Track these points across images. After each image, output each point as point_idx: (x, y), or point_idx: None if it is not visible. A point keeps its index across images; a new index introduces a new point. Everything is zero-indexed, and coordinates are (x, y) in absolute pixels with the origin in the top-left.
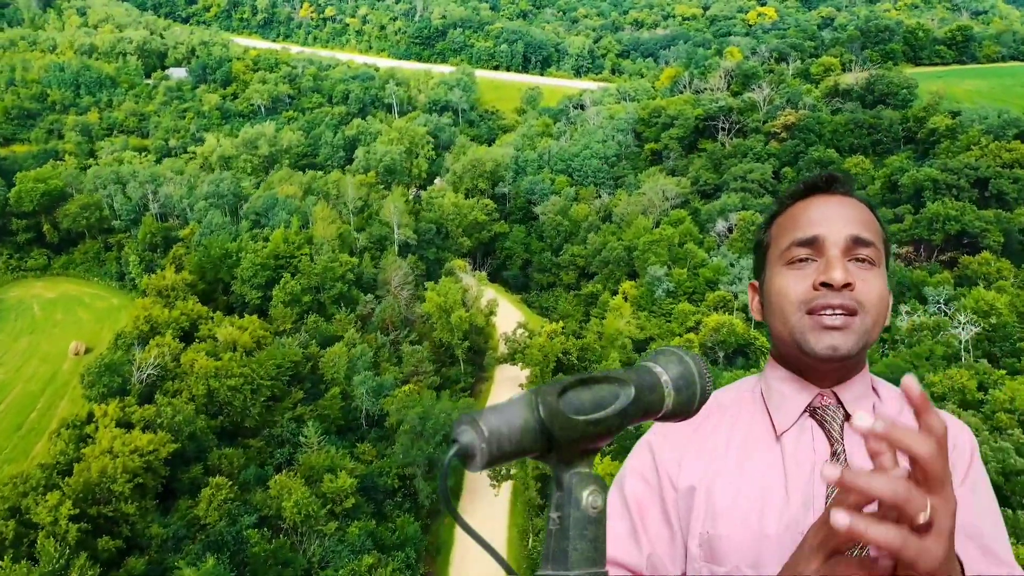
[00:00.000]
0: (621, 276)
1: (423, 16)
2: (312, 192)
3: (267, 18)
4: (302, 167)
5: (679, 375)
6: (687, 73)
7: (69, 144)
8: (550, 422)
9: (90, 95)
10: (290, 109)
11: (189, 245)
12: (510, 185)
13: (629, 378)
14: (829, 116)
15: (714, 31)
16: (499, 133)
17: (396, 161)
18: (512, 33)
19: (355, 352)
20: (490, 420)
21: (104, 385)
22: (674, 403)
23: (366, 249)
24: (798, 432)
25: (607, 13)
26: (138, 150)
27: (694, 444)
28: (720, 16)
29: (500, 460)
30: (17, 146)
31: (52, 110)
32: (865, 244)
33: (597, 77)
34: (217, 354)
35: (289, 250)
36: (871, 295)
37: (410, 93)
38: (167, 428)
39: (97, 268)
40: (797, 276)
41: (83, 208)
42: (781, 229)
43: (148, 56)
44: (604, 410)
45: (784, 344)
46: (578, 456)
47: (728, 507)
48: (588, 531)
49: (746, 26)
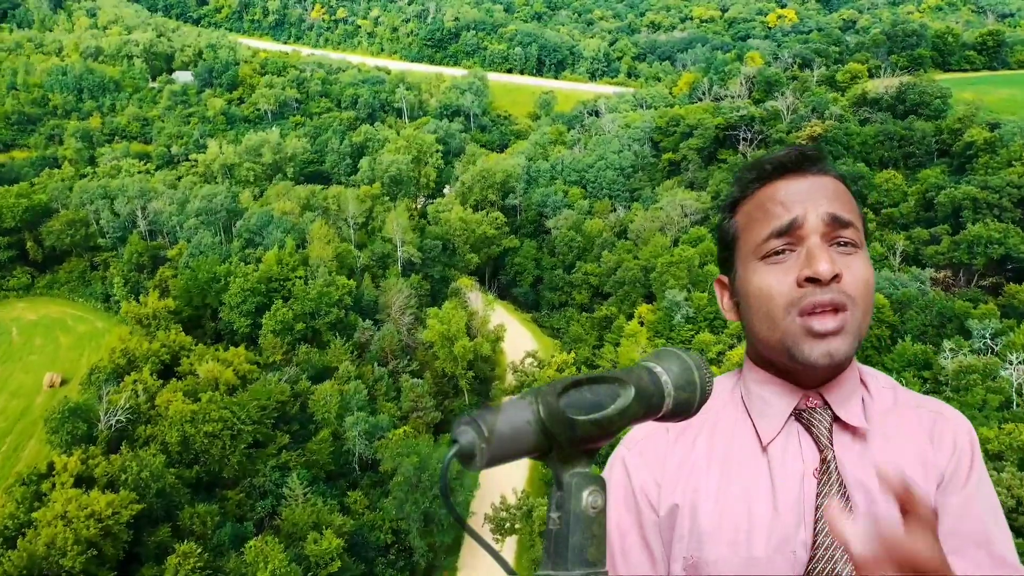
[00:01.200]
0: (637, 298)
1: (435, 18)
2: (311, 207)
3: (278, 20)
4: (307, 175)
5: (679, 375)
6: (706, 79)
7: (68, 150)
8: (550, 422)
9: (93, 99)
10: (297, 114)
11: (177, 266)
12: (521, 197)
13: (629, 378)
14: (857, 127)
15: (733, 34)
16: (511, 138)
17: (403, 171)
18: (526, 35)
19: (348, 389)
20: (490, 420)
21: (68, 432)
22: (674, 403)
23: (367, 268)
24: (784, 440)
25: (623, 15)
26: (139, 156)
27: (673, 459)
28: (739, 18)
29: (500, 460)
30: (17, 152)
31: (54, 115)
32: (845, 225)
33: (613, 81)
34: (196, 394)
35: (283, 273)
36: (859, 284)
37: (421, 97)
38: (132, 486)
39: (82, 288)
40: (777, 272)
41: (68, 225)
42: (750, 218)
43: (155, 59)
44: (604, 410)
45: (770, 350)
46: (578, 456)
47: (713, 528)
48: (588, 531)
49: (765, 29)
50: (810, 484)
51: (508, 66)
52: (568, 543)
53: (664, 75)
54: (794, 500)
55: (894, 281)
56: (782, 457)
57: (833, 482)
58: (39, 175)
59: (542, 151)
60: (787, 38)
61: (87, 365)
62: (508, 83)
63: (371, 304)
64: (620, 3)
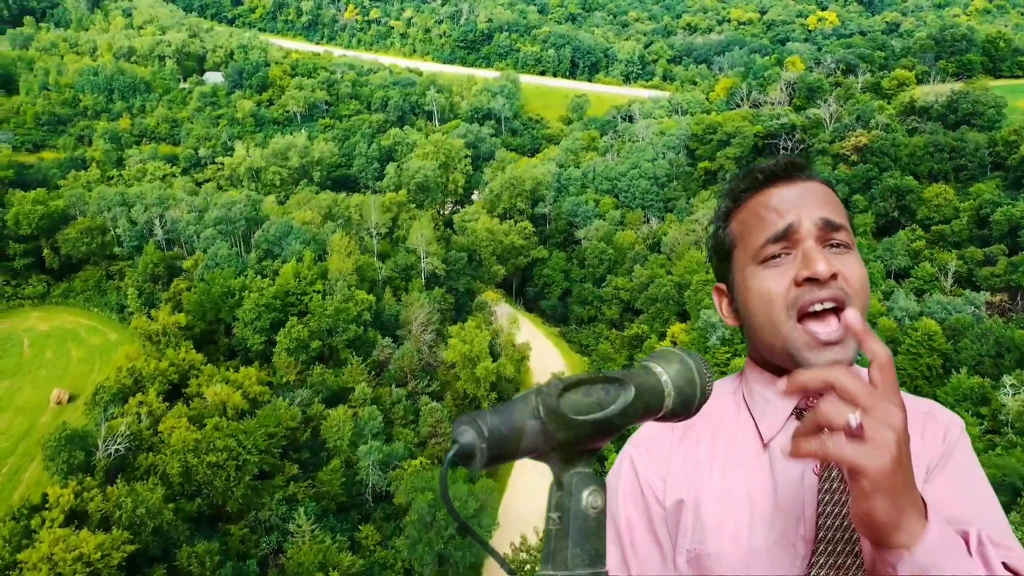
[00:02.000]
0: (670, 317)
1: (468, 19)
2: (332, 217)
3: (311, 20)
4: (334, 180)
5: (679, 375)
6: (745, 85)
7: (97, 152)
8: (550, 422)
9: (123, 100)
10: (326, 116)
11: (192, 278)
12: (551, 205)
13: (629, 378)
14: (906, 137)
15: (771, 36)
16: (542, 143)
17: (429, 178)
18: (560, 37)
19: (363, 415)
20: (490, 420)
21: (64, 461)
22: (674, 403)
23: (389, 281)
24: (785, 438)
25: (659, 17)
26: (167, 159)
27: (678, 457)
28: (778, 21)
29: (500, 460)
30: (47, 152)
31: (84, 115)
32: (837, 228)
33: (647, 84)
34: (203, 419)
35: (300, 287)
36: (855, 281)
37: (451, 100)
38: (126, 524)
39: (98, 298)
40: (775, 275)
41: (84, 233)
42: (745, 226)
43: (188, 59)
44: (604, 410)
45: (774, 355)
46: (578, 456)
47: (716, 523)
48: (588, 531)
49: (805, 31)
50: (810, 480)
51: (541, 68)
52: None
53: (700, 79)
54: (795, 496)
55: (946, 305)
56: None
57: (834, 478)
58: (65, 177)
59: (573, 157)
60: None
61: (96, 381)
62: (540, 86)
63: (392, 319)
64: (656, 5)
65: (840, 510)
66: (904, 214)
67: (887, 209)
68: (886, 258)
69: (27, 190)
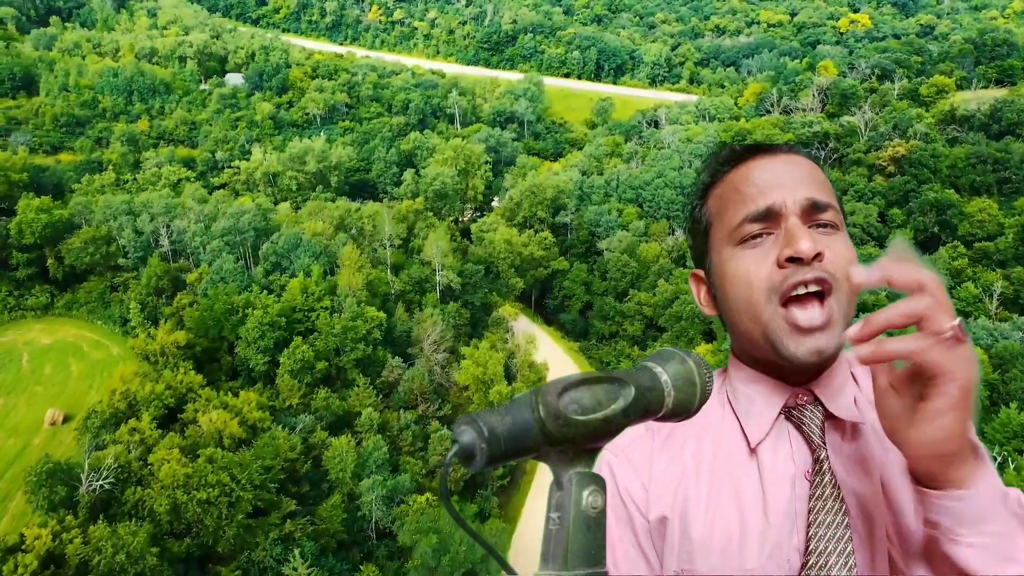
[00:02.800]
0: (695, 336)
1: (493, 20)
2: (345, 227)
3: (335, 21)
4: (352, 184)
5: (679, 374)
6: (775, 90)
7: (114, 154)
8: (550, 422)
9: (142, 102)
10: (347, 119)
11: (196, 292)
12: (572, 214)
13: (629, 378)
14: (946, 148)
15: (802, 39)
16: (566, 147)
17: (448, 185)
18: (585, 39)
19: (368, 444)
20: (490, 420)
21: (45, 497)
22: (674, 403)
23: (402, 295)
24: (774, 441)
25: (686, 19)
26: (184, 162)
27: (661, 463)
28: (808, 23)
29: (500, 460)
30: (64, 155)
31: (102, 117)
32: (823, 208)
33: (674, 87)
34: (196, 449)
35: (308, 303)
36: (843, 263)
37: (474, 103)
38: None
39: (102, 310)
40: (755, 256)
41: (87, 243)
42: (723, 202)
43: (210, 60)
44: (604, 410)
45: (754, 345)
46: (578, 456)
47: (704, 539)
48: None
49: (837, 34)
50: (802, 487)
51: (565, 70)
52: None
53: (728, 82)
54: (786, 504)
55: (992, 331)
56: (772, 460)
57: (826, 484)
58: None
59: (597, 164)
60: (860, 44)
61: (94, 399)
62: (565, 88)
63: (403, 336)
64: (684, 6)
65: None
66: (945, 230)
67: (926, 224)
68: None
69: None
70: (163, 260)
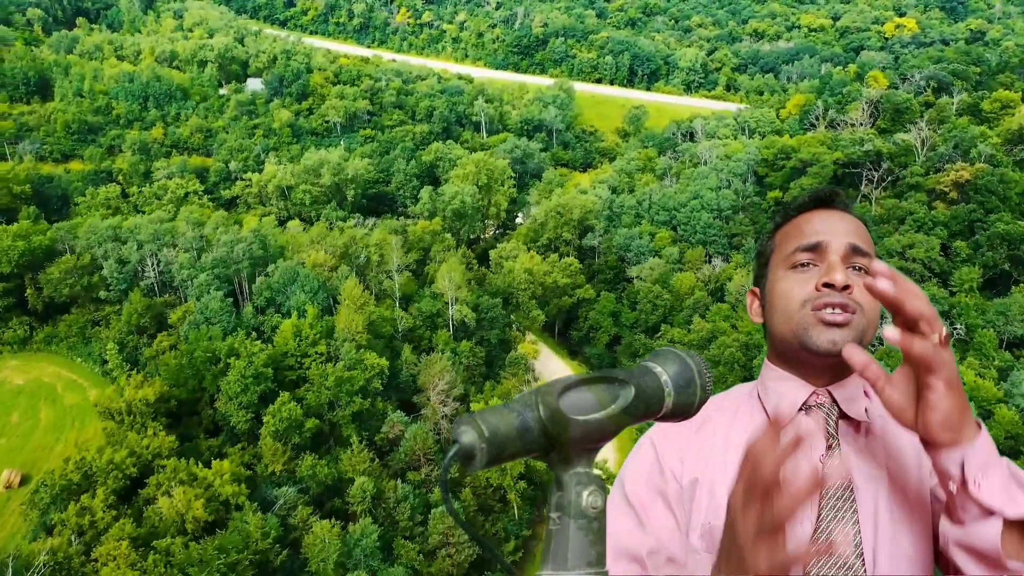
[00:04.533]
0: (735, 383)
1: (523, 23)
2: (349, 256)
3: (363, 23)
4: (370, 197)
5: (679, 375)
6: (820, 102)
7: (124, 164)
8: (550, 422)
9: (158, 108)
10: (368, 127)
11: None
12: (601, 237)
13: (629, 378)
14: (1016, 172)
15: (844, 44)
16: (596, 156)
17: (467, 204)
18: (618, 44)
19: (355, 530)
20: (490, 420)
21: None
22: (674, 403)
23: (410, 333)
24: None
25: (723, 22)
26: (197, 171)
27: (695, 443)
28: (852, 28)
29: (500, 460)
30: (74, 163)
31: (116, 124)
32: (862, 254)
33: (710, 94)
34: (151, 539)
35: (301, 348)
36: (868, 299)
37: (501, 110)
38: None
39: (82, 346)
40: (800, 279)
41: (68, 272)
42: (786, 237)
43: (231, 63)
44: (604, 410)
45: (784, 341)
46: (578, 456)
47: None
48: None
49: (882, 39)
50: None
51: (597, 76)
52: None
53: (767, 89)
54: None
55: None
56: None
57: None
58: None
59: (628, 180)
60: (906, 50)
61: (60, 454)
62: (596, 94)
63: (409, 381)
64: (721, 9)
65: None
66: (1018, 267)
67: (996, 260)
68: (999, 324)
69: (45, 206)
70: (148, 294)
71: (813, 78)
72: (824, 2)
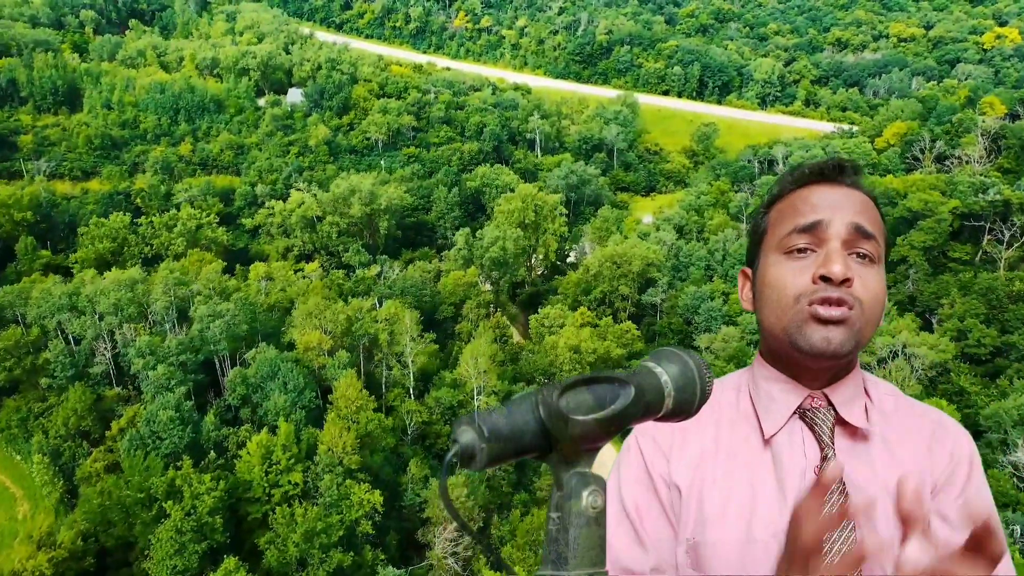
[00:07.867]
0: None
1: (587, 30)
2: (353, 334)
3: (420, 27)
4: (407, 227)
5: (679, 375)
6: (925, 131)
7: (144, 184)
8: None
9: (188, 122)
10: (412, 144)
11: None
12: (664, 294)
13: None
14: None
15: (938, 56)
16: (660, 180)
17: (509, 252)
18: (687, 53)
19: None
20: (490, 420)
21: None
22: (674, 403)
23: (425, 429)
24: (788, 436)
25: (803, 30)
26: (221, 194)
27: (681, 442)
28: (946, 38)
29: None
30: (94, 182)
31: (143, 139)
32: (867, 237)
33: (787, 109)
34: None
35: (270, 478)
36: (869, 293)
37: (558, 126)
38: None
39: (22, 441)
40: (795, 268)
41: (9, 351)
42: (780, 214)
43: (275, 72)
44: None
45: (775, 339)
46: (578, 456)
47: (718, 513)
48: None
49: (980, 51)
50: (811, 479)
51: (664, 87)
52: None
53: (851, 105)
54: (795, 493)
55: None
56: (785, 452)
57: None
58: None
59: (697, 220)
60: (1008, 64)
61: None
62: (662, 108)
63: (415, 510)
64: (800, 16)
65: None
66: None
67: None
68: None
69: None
70: (100, 382)
71: (903, 94)
72: (915, 10)
